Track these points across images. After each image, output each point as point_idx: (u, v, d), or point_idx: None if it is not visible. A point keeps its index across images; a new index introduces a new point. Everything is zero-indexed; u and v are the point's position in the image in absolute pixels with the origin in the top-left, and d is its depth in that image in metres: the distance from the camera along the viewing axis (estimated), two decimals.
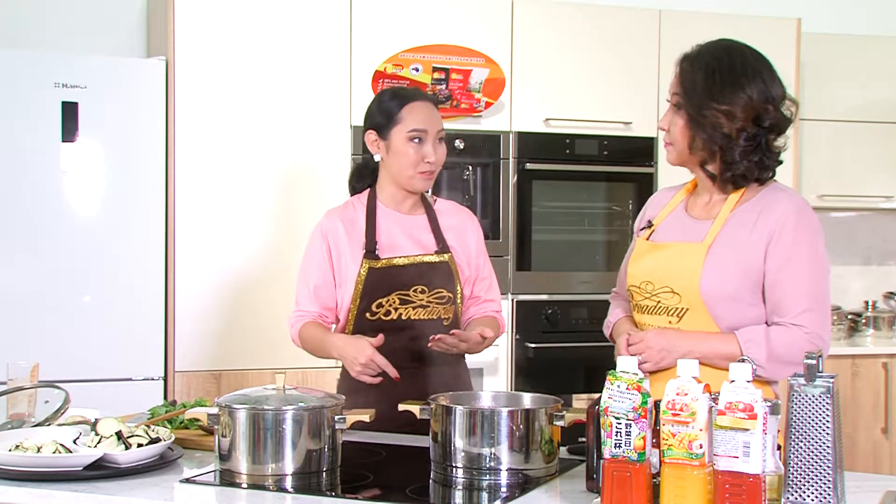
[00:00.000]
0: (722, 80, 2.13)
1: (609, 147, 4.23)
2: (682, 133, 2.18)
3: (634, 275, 2.26)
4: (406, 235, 2.65)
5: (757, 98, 2.13)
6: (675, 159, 2.24)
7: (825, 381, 1.66)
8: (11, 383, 2.42)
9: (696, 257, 2.15)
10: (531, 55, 4.19)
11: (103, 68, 3.71)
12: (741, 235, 2.14)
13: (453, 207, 2.78)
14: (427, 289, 2.59)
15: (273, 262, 3.85)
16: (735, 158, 2.14)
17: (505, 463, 2.00)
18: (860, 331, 4.91)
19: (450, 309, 2.62)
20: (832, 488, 1.64)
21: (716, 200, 2.23)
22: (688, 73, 2.18)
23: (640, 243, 2.31)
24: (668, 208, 2.33)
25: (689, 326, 2.15)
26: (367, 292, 2.58)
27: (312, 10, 3.94)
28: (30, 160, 3.61)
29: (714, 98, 2.12)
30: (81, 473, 1.96)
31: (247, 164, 3.86)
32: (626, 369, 1.74)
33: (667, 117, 2.23)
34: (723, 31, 4.27)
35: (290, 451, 2.01)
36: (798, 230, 2.12)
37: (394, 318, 2.58)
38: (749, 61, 2.17)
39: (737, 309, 2.13)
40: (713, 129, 2.13)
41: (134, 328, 3.71)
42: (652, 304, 2.21)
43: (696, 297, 2.13)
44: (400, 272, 2.59)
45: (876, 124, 4.80)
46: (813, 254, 2.14)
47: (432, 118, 2.63)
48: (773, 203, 2.15)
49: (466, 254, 2.69)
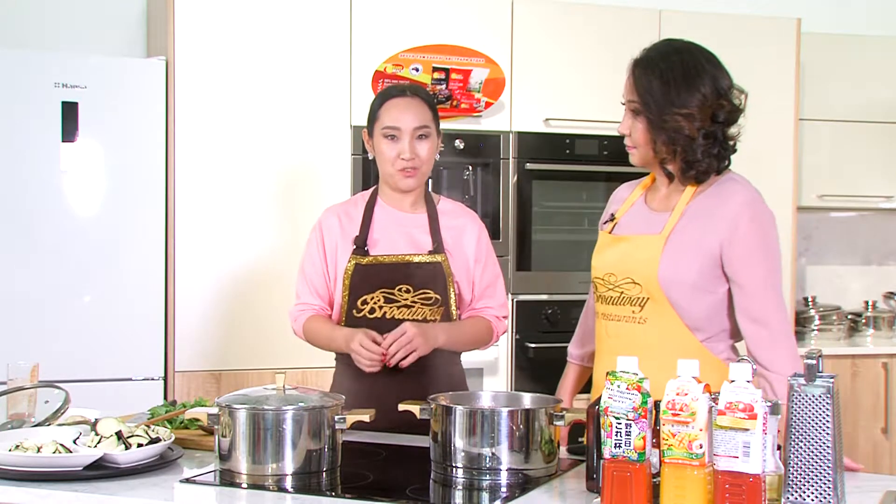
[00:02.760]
0: (677, 84, 2.18)
1: (609, 147, 4.23)
2: (644, 137, 2.23)
3: (598, 266, 2.33)
4: (401, 233, 2.64)
5: (710, 95, 2.18)
6: (639, 161, 2.29)
7: (825, 381, 1.66)
8: (11, 383, 2.42)
9: (655, 248, 2.20)
10: (531, 55, 4.19)
11: (103, 68, 3.71)
12: (698, 226, 2.20)
13: (457, 209, 2.75)
14: (412, 288, 2.58)
15: (273, 262, 3.85)
16: (697, 157, 2.19)
17: (505, 463, 2.00)
18: (860, 331, 4.91)
19: (437, 311, 2.60)
20: (832, 488, 1.64)
21: (673, 192, 2.28)
22: (642, 80, 2.21)
23: (602, 236, 2.38)
24: (628, 202, 2.38)
25: (650, 315, 2.20)
26: (353, 288, 2.58)
27: (312, 10, 3.94)
28: (30, 160, 3.61)
29: (672, 103, 2.17)
30: (81, 473, 1.96)
31: (247, 163, 3.86)
32: (626, 369, 1.74)
33: (626, 122, 2.27)
34: (723, 31, 4.33)
35: (290, 451, 2.01)
36: (752, 223, 2.18)
37: (378, 315, 2.57)
38: (698, 59, 2.22)
39: (696, 297, 2.19)
40: (675, 133, 2.18)
41: (134, 328, 3.71)
42: (615, 294, 2.26)
43: (656, 287, 2.18)
44: (385, 269, 2.58)
45: (876, 124, 4.80)
46: (767, 247, 2.19)
47: (409, 115, 2.59)
48: (728, 195, 2.21)
49: (463, 257, 2.66)
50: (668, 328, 2.19)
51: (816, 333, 4.77)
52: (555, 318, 4.18)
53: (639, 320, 2.22)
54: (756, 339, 2.17)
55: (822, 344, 4.55)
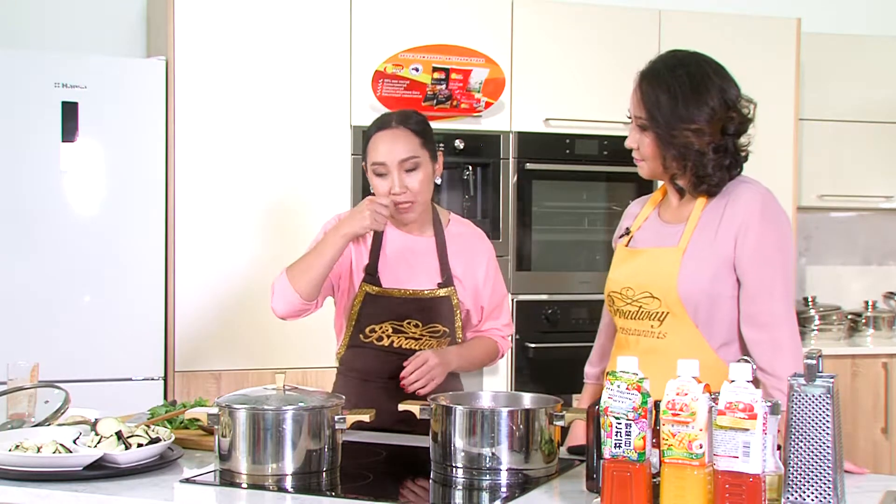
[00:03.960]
0: (685, 98, 2.13)
1: (609, 147, 4.23)
2: (653, 152, 2.19)
3: (615, 280, 2.28)
4: (409, 262, 2.61)
5: (719, 107, 2.14)
6: (648, 174, 2.25)
7: (825, 381, 1.66)
8: (11, 383, 2.42)
9: (672, 261, 2.17)
10: (531, 55, 4.19)
11: (103, 68, 3.71)
12: (711, 233, 2.17)
13: (466, 232, 2.71)
14: (421, 323, 2.58)
15: (273, 262, 3.83)
16: (708, 171, 2.15)
17: (505, 463, 2.00)
18: (860, 331, 4.90)
19: (443, 342, 2.61)
20: (832, 488, 1.64)
21: (685, 203, 2.25)
22: (649, 95, 2.17)
23: (619, 250, 2.34)
24: (642, 216, 2.35)
25: (669, 329, 2.17)
26: (361, 317, 2.58)
27: (312, 10, 3.94)
28: (30, 160, 3.61)
29: (681, 118, 2.13)
30: (81, 473, 1.96)
31: (246, 163, 3.86)
32: (626, 369, 1.74)
33: (633, 136, 2.22)
34: (723, 31, 4.33)
35: (290, 451, 2.01)
36: (764, 223, 2.14)
37: (385, 344, 2.58)
38: (705, 71, 2.18)
39: (715, 306, 2.15)
40: (685, 148, 2.15)
41: (134, 328, 3.71)
42: (634, 309, 2.22)
43: (676, 301, 2.15)
44: (396, 303, 2.57)
45: (876, 124, 4.80)
46: (778, 250, 2.14)
47: (394, 148, 2.52)
48: (737, 195, 2.17)
49: (472, 282, 2.65)
50: (688, 343, 2.14)
51: (816, 333, 4.77)
52: (555, 318, 4.18)
53: (658, 335, 2.18)
54: (758, 347, 2.12)
55: (822, 344, 4.55)
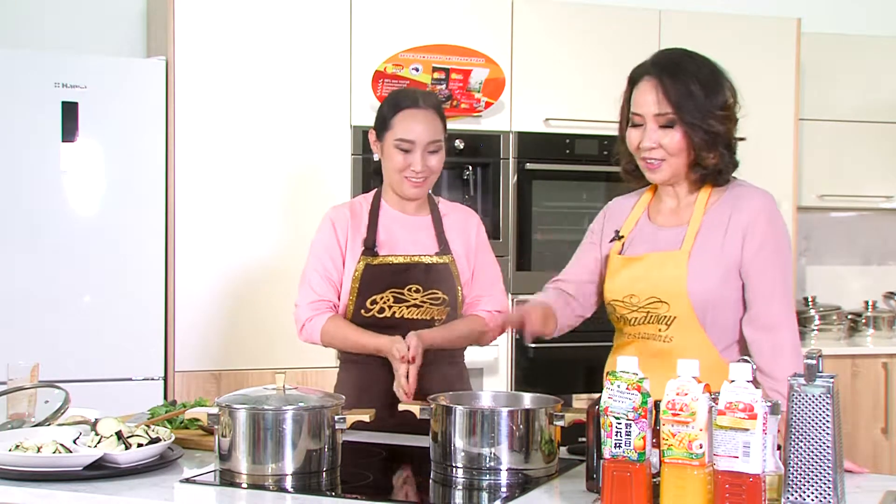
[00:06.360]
0: (711, 86, 2.15)
1: (609, 147, 4.17)
2: (681, 145, 2.16)
3: (614, 290, 2.26)
4: (407, 235, 2.65)
5: (729, 94, 2.18)
6: (670, 176, 2.21)
7: (825, 381, 1.66)
8: (11, 383, 2.42)
9: (679, 265, 2.16)
10: (531, 55, 4.19)
11: (103, 68, 3.71)
12: (717, 237, 2.17)
13: (456, 206, 2.78)
14: (422, 289, 2.59)
15: (273, 262, 3.84)
16: (727, 161, 2.18)
17: (505, 463, 2.00)
18: (860, 331, 4.90)
19: (444, 311, 2.62)
20: (832, 488, 1.64)
21: (684, 205, 2.24)
22: (677, 87, 2.14)
23: (613, 258, 2.30)
24: (632, 219, 2.32)
25: (676, 333, 2.17)
26: (362, 288, 2.59)
27: (312, 10, 3.94)
28: (30, 160, 3.61)
29: (713, 105, 2.14)
30: (81, 473, 1.96)
31: (247, 163, 3.86)
32: (626, 369, 1.74)
33: (652, 136, 2.17)
34: (723, 31, 4.33)
35: (290, 451, 2.01)
36: (769, 226, 2.16)
37: (387, 315, 2.58)
38: (707, 61, 2.20)
39: (722, 309, 2.16)
40: (716, 136, 2.15)
41: (134, 328, 3.71)
42: (641, 315, 2.21)
43: (686, 305, 2.15)
44: (396, 270, 2.59)
45: (876, 124, 4.80)
46: (780, 253, 2.17)
47: (423, 129, 2.58)
48: (742, 201, 2.19)
49: (468, 252, 2.68)
50: (694, 345, 2.14)
51: (816, 333, 4.77)
52: None
53: (665, 339, 2.18)
54: (758, 349, 2.13)
55: (822, 344, 4.55)
